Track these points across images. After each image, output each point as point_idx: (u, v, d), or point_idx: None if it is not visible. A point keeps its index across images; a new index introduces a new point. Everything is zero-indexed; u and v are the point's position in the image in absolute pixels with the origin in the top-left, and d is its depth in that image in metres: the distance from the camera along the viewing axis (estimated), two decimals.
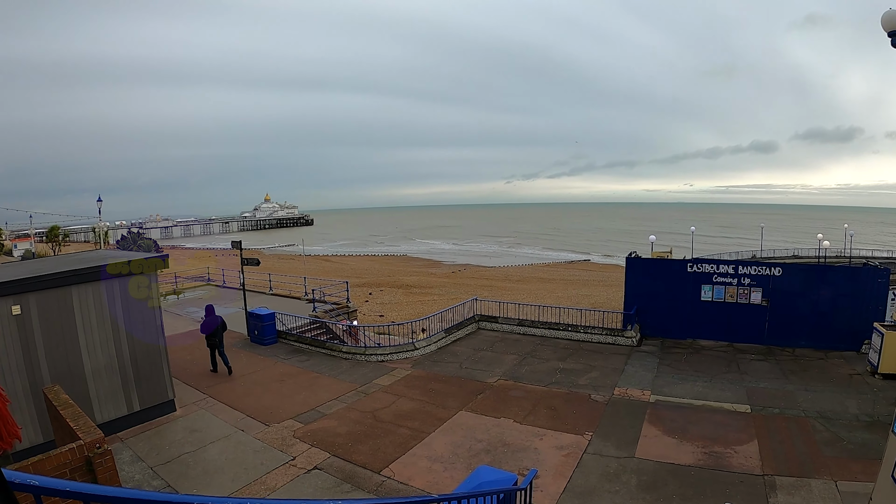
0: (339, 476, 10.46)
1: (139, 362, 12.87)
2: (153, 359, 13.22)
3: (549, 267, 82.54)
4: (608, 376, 16.01)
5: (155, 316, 13.29)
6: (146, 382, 13.04)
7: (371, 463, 11.01)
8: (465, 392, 15.00)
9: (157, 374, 13.33)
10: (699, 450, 11.23)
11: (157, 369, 13.35)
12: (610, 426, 12.57)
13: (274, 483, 10.06)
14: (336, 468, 10.78)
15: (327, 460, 11.10)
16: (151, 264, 13.13)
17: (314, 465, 10.80)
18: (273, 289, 31.69)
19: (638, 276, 20.87)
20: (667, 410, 13.40)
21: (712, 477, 10.11)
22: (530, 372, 16.65)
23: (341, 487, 10.04)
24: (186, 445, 11.71)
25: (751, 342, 18.96)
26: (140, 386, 12.91)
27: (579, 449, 11.43)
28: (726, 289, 19.34)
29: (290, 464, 10.85)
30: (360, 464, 10.97)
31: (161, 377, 13.45)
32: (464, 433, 12.37)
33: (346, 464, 10.97)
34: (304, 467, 10.71)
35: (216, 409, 13.93)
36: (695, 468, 10.47)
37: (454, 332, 20.95)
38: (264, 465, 10.78)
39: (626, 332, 19.45)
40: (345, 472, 10.64)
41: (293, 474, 10.41)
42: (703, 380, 15.52)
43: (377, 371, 17.20)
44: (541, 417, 13.13)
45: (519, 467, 10.59)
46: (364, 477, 10.45)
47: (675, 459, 10.83)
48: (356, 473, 10.59)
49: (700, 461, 10.74)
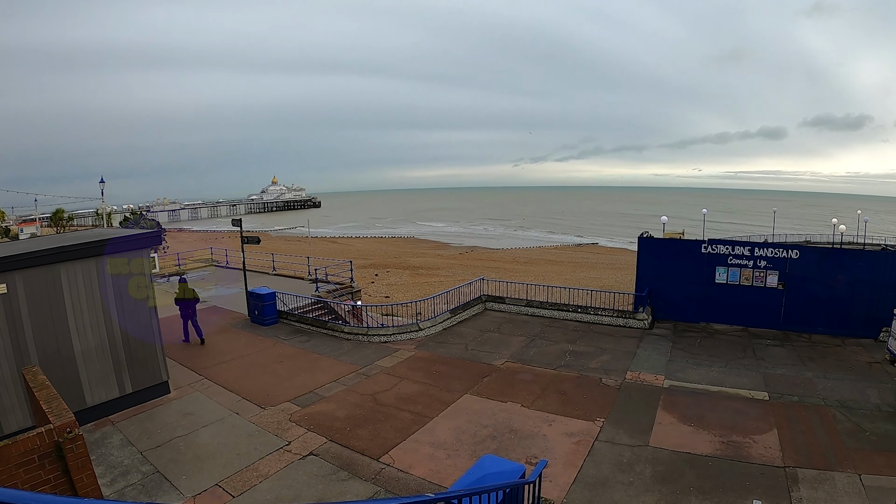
0: (336, 463, 9.99)
1: (131, 343, 12.48)
2: (146, 339, 12.83)
3: (557, 250, 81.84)
4: (620, 360, 15.43)
5: (147, 295, 12.86)
6: (139, 364, 12.67)
7: (370, 449, 10.53)
8: (471, 375, 14.46)
9: (150, 356, 12.94)
10: (717, 439, 10.65)
11: (151, 350, 12.97)
12: (622, 412, 12.00)
13: (267, 470, 9.64)
14: (333, 454, 10.31)
15: (324, 446, 10.63)
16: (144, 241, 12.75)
17: (310, 451, 10.36)
18: (276, 269, 31.35)
19: (650, 257, 20.17)
20: (682, 396, 12.81)
21: (731, 468, 9.54)
22: (539, 354, 16.09)
23: (337, 475, 9.56)
24: (179, 429, 11.33)
25: (766, 327, 18.30)
26: (132, 368, 12.53)
27: (590, 436, 10.88)
28: (741, 271, 18.62)
29: (285, 449, 10.43)
30: (358, 450, 10.49)
31: (154, 358, 13.05)
32: (468, 418, 11.84)
33: (344, 450, 10.49)
34: (299, 453, 10.28)
35: (211, 391, 13.53)
36: (712, 458, 9.89)
37: (460, 312, 20.39)
38: (258, 450, 10.37)
39: (638, 315, 18.83)
40: (342, 458, 10.16)
41: (287, 460, 9.99)
42: (718, 365, 14.90)
43: (380, 352, 16.70)
44: (550, 402, 12.58)
45: (527, 455, 10.07)
46: (362, 464, 9.97)
47: (691, 449, 10.27)
48: (354, 460, 10.10)
49: (718, 451, 10.17)
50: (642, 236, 20.49)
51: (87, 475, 6.07)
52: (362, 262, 55.66)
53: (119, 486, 9.07)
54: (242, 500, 8.74)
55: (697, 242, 19.33)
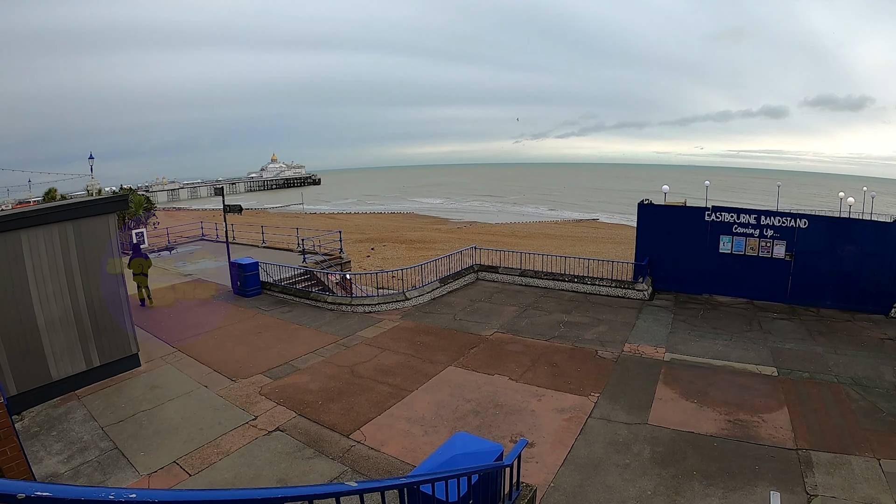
0: (303, 439, 9.22)
1: (98, 314, 11.77)
2: (114, 310, 12.12)
3: (556, 224, 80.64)
4: (617, 331, 14.46)
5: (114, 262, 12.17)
6: (106, 335, 11.98)
7: (341, 424, 9.72)
8: (457, 345, 13.55)
9: (118, 327, 12.24)
10: (722, 417, 9.68)
11: (119, 321, 12.26)
12: (619, 387, 11.04)
13: (228, 446, 8.93)
14: (300, 430, 9.54)
15: (292, 420, 9.89)
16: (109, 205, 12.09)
17: (276, 427, 9.62)
18: (266, 242, 30.85)
19: (650, 225, 19.13)
20: (684, 370, 11.83)
21: (738, 449, 8.58)
22: (531, 325, 15.14)
23: (302, 453, 8.79)
24: (144, 403, 10.72)
25: (772, 300, 17.33)
26: (100, 339, 11.85)
27: (583, 412, 9.92)
28: (747, 241, 17.58)
29: (251, 424, 9.72)
30: (328, 425, 9.70)
31: (122, 330, 12.36)
32: (451, 391, 10.92)
33: (313, 425, 9.73)
34: (264, 428, 9.55)
35: (183, 364, 12.89)
36: (718, 439, 8.93)
37: (450, 282, 19.44)
38: (222, 424, 9.69)
39: (638, 285, 17.83)
40: (310, 434, 9.39)
41: (251, 436, 9.26)
42: (722, 338, 13.94)
43: (363, 322, 15.85)
44: (540, 375, 11.63)
45: (511, 433, 9.13)
46: (330, 441, 9.16)
47: (694, 427, 9.30)
48: (322, 436, 9.30)
49: (724, 430, 9.21)
50: (642, 203, 19.42)
51: (10, 448, 5.40)
52: (359, 236, 54.71)
53: (75, 464, 8.49)
54: (198, 480, 8.04)
55: (700, 209, 18.24)
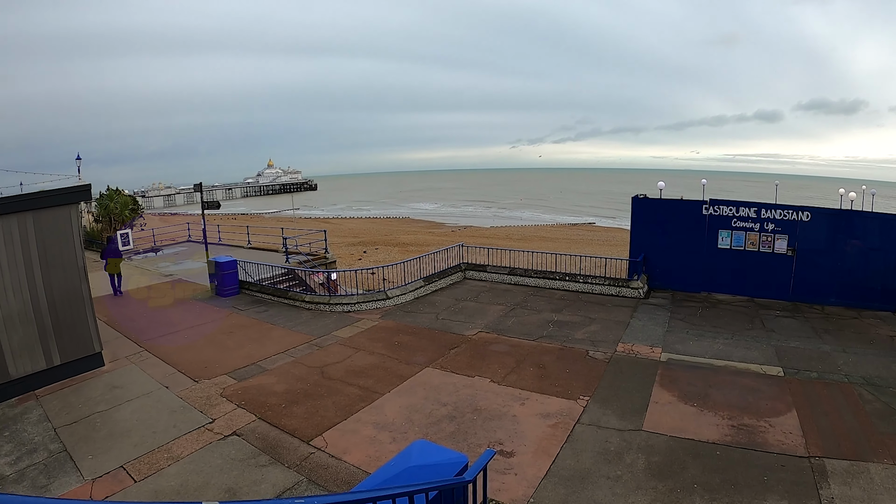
0: (259, 445, 8.40)
1: (59, 309, 11.20)
2: (75, 305, 11.52)
3: (552, 228, 79.71)
4: (610, 330, 13.51)
5: (76, 256, 11.55)
6: (68, 333, 11.38)
7: (302, 429, 8.85)
8: (437, 346, 12.61)
9: (80, 324, 11.62)
10: (725, 422, 8.73)
11: (80, 318, 11.63)
12: (611, 389, 10.08)
13: (179, 451, 8.20)
14: (258, 435, 8.73)
15: (251, 424, 9.06)
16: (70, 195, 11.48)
17: (233, 431, 8.82)
18: (252, 243, 30.25)
19: (645, 220, 18.20)
20: (682, 371, 10.88)
21: (744, 459, 7.63)
22: (518, 324, 14.20)
23: (257, 460, 7.96)
24: (101, 404, 10.03)
25: (774, 297, 16.39)
26: (61, 337, 11.24)
27: (571, 418, 8.96)
28: (747, 235, 16.67)
29: (207, 427, 8.97)
30: (288, 430, 8.85)
31: (85, 327, 11.71)
32: (426, 394, 9.97)
33: (272, 429, 8.91)
34: (220, 433, 8.77)
35: (148, 364, 12.17)
36: (721, 446, 7.98)
37: (436, 280, 18.51)
38: (177, 427, 8.99)
39: (632, 283, 16.89)
40: (267, 440, 8.57)
41: (206, 441, 8.50)
42: (723, 336, 13.00)
43: (340, 322, 14.96)
44: (525, 377, 10.67)
45: (489, 441, 8.19)
46: (289, 447, 8.31)
47: (694, 434, 8.35)
48: (281, 442, 8.46)
49: (727, 437, 8.25)
50: (637, 197, 18.48)
51: None
52: (352, 239, 53.82)
53: (22, 466, 7.96)
54: (143, 487, 7.37)
55: (698, 203, 17.27)
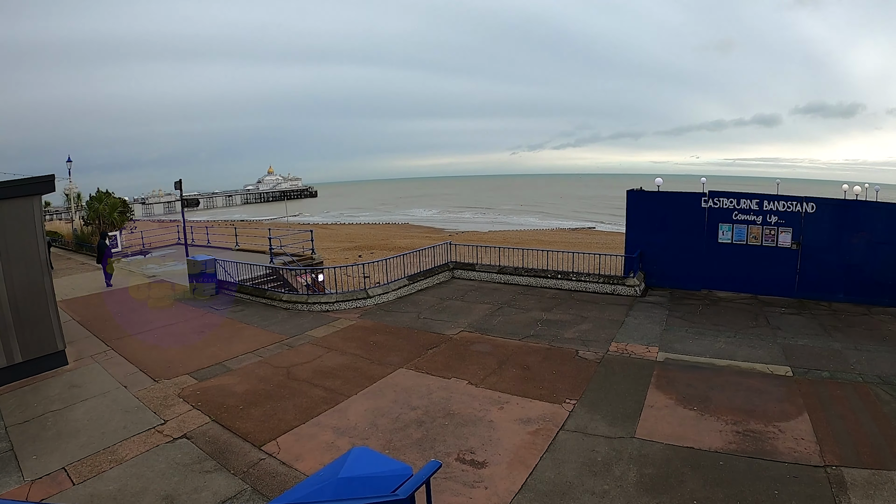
0: (208, 449, 7.65)
1: (20, 305, 10.82)
2: (37, 301, 11.14)
3: (551, 232, 78.91)
4: (603, 329, 12.56)
5: (38, 250, 11.15)
6: (29, 330, 11.00)
7: (256, 433, 8.08)
8: (415, 346, 11.68)
9: (42, 320, 11.25)
10: (729, 427, 7.75)
11: (42, 314, 11.25)
12: (601, 392, 9.12)
13: (125, 454, 7.63)
14: (209, 438, 8.02)
15: (203, 427, 8.40)
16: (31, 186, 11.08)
17: (183, 433, 8.21)
18: (240, 245, 29.92)
19: (641, 214, 17.28)
20: (680, 372, 9.91)
21: (751, 469, 6.64)
22: (504, 323, 13.25)
23: (202, 465, 7.24)
24: (57, 403, 9.65)
25: (778, 294, 15.44)
26: (22, 334, 10.86)
27: (554, 424, 7.99)
28: (748, 228, 15.72)
29: (157, 429, 8.40)
30: (241, 433, 8.09)
31: (47, 324, 11.35)
32: (395, 397, 9.03)
33: (225, 432, 8.19)
34: (170, 435, 8.19)
35: (111, 363, 11.68)
36: (724, 455, 6.99)
37: (420, 279, 17.56)
38: (127, 429, 8.46)
39: (628, 280, 15.92)
40: (217, 443, 7.83)
41: (153, 443, 7.92)
42: (725, 335, 12.03)
43: (317, 321, 14.10)
44: (506, 379, 9.71)
45: (460, 449, 7.22)
46: (238, 452, 7.55)
47: (694, 442, 7.36)
48: (230, 447, 7.73)
49: (732, 444, 7.27)
50: (632, 190, 17.53)
51: None
52: (348, 244, 53.17)
53: None
54: (80, 490, 6.87)
55: (696, 195, 16.31)
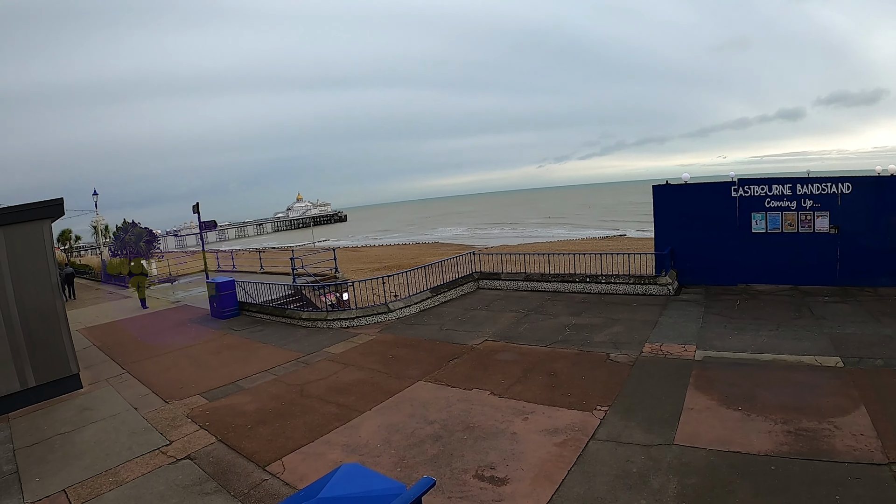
0: (210, 470, 7.32)
1: (32, 329, 10.86)
2: (49, 325, 11.12)
3: (582, 241, 77.87)
4: (636, 330, 11.80)
5: (49, 274, 11.16)
6: (42, 353, 11.02)
7: (261, 452, 7.67)
8: (435, 358, 11.11)
9: (55, 343, 11.22)
10: (779, 427, 6.94)
11: (55, 337, 11.22)
12: (636, 396, 8.39)
13: (126, 475, 7.41)
14: (213, 459, 7.68)
15: (208, 447, 8.09)
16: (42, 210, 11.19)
17: (187, 454, 7.91)
18: (265, 268, 30.21)
19: (669, 209, 16.45)
20: (721, 370, 9.12)
21: (807, 472, 5.86)
22: (530, 330, 12.59)
23: (202, 487, 6.88)
24: (66, 426, 9.55)
25: (819, 283, 14.41)
26: (34, 357, 10.89)
27: (584, 433, 7.29)
28: (783, 215, 14.77)
29: (162, 450, 8.16)
30: (246, 453, 7.71)
31: (60, 347, 11.31)
32: (412, 411, 8.46)
33: (230, 453, 7.83)
34: (174, 456, 7.92)
35: (124, 386, 11.62)
36: (776, 459, 6.21)
37: (444, 291, 17.06)
38: (131, 450, 8.26)
39: (660, 279, 15.11)
40: (221, 464, 7.48)
41: (156, 464, 7.68)
42: (767, 328, 11.17)
43: (335, 338, 13.69)
44: (532, 387, 9.05)
45: (479, 465, 6.58)
46: (241, 473, 7.18)
47: (741, 445, 6.57)
48: (234, 467, 7.36)
49: (783, 446, 6.47)
50: (657, 185, 16.71)
51: None
52: (377, 265, 53.05)
53: None
54: None
55: (725, 184, 15.40)
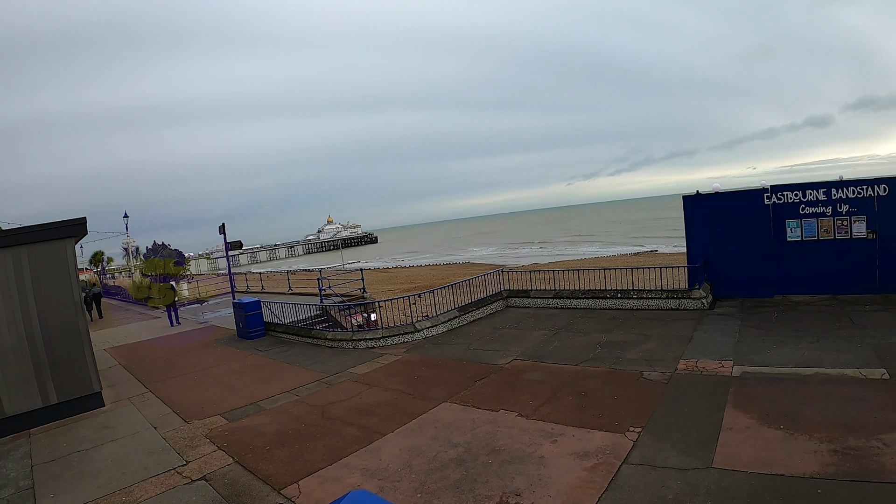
0: (224, 492, 7.14)
1: (55, 346, 11.03)
2: (72, 342, 11.28)
3: (614, 258, 76.97)
4: (670, 347, 11.34)
5: (73, 291, 11.35)
6: (64, 370, 11.18)
7: (278, 475, 7.46)
8: (462, 378, 10.81)
9: (77, 361, 11.35)
10: (824, 446, 6.46)
11: (77, 356, 11.36)
12: (671, 416, 7.96)
13: (139, 495, 7.32)
14: (227, 480, 7.50)
15: (223, 469, 7.93)
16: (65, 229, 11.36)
17: (202, 475, 7.78)
18: (293, 289, 30.42)
19: (701, 220, 15.92)
20: (761, 386, 8.63)
21: (856, 496, 5.38)
22: (560, 348, 12.21)
23: None
24: (85, 443, 9.58)
25: (859, 291, 13.71)
26: (57, 374, 11.05)
27: (616, 457, 6.88)
28: (818, 221, 14.18)
29: (178, 470, 8.05)
30: (262, 476, 7.52)
31: (83, 364, 11.44)
32: (435, 434, 8.16)
33: (245, 474, 7.66)
34: (189, 476, 7.79)
35: (146, 405, 11.71)
36: (823, 481, 5.73)
37: (472, 310, 16.79)
38: (147, 469, 8.19)
39: (693, 293, 14.60)
40: (236, 486, 7.29)
41: (170, 485, 7.56)
42: (807, 340, 10.63)
43: (360, 358, 13.51)
44: (561, 408, 8.68)
45: (503, 491, 6.24)
46: (256, 496, 6.99)
47: (785, 467, 6.09)
48: (248, 490, 7.15)
49: (830, 467, 5.99)
50: (688, 196, 16.22)
51: None
52: (408, 285, 53.09)
53: None
54: None
55: (758, 192, 14.83)
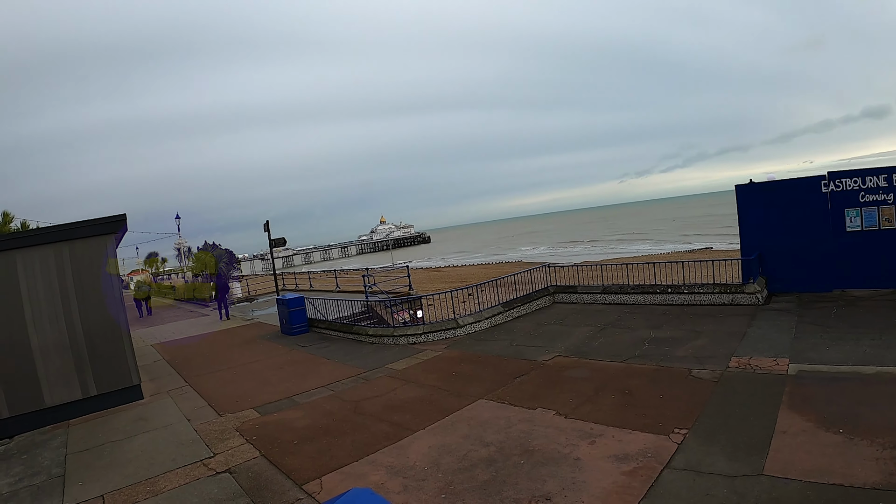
0: (246, 485, 7.09)
1: (95, 340, 11.30)
2: (112, 336, 11.55)
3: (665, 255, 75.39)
4: (721, 343, 10.69)
5: (113, 287, 11.57)
6: (104, 364, 11.43)
7: (302, 470, 7.37)
8: (501, 374, 10.47)
9: (117, 355, 11.61)
10: (888, 453, 5.81)
11: (118, 349, 11.63)
12: (719, 417, 7.39)
13: (164, 485, 7.40)
14: (251, 474, 7.47)
15: (249, 462, 7.92)
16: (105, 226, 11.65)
17: (227, 468, 7.78)
18: (340, 287, 31.15)
19: (755, 210, 15.03)
20: (818, 386, 7.97)
21: None
22: (606, 345, 11.72)
23: (234, 502, 6.64)
24: (119, 434, 9.78)
25: None
26: (96, 367, 11.31)
27: (657, 460, 6.38)
28: (880, 210, 13.08)
29: (204, 462, 8.10)
30: (286, 470, 7.45)
31: (122, 358, 11.70)
32: (467, 432, 7.85)
33: (270, 468, 7.61)
34: (214, 469, 7.82)
35: (183, 398, 11.90)
36: (886, 492, 5.12)
37: (517, 306, 16.40)
38: (175, 461, 8.27)
39: (748, 287, 13.78)
40: (258, 480, 7.23)
41: (194, 476, 7.60)
42: (868, 338, 9.81)
43: (400, 354, 13.33)
44: (602, 407, 8.23)
45: (533, 495, 5.87)
46: (277, 490, 6.85)
47: (844, 476, 5.49)
48: (270, 484, 7.05)
49: (894, 476, 5.37)
50: (740, 186, 15.35)
51: None
52: (460, 284, 53.29)
53: (19, 487, 7.92)
54: None
55: (815, 179, 13.82)
